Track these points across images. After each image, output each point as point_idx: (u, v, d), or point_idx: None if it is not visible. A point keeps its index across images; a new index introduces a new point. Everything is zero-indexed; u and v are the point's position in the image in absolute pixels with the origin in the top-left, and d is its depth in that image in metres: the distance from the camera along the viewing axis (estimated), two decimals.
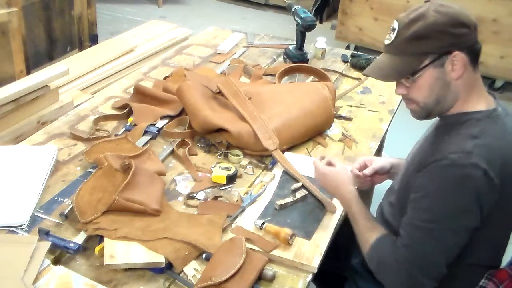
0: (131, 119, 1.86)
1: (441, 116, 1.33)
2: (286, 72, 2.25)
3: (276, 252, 1.33)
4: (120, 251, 1.28)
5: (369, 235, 1.33)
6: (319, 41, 2.50)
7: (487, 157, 1.18)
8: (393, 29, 1.25)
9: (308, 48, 2.48)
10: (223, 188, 1.58)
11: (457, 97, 1.26)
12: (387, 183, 1.64)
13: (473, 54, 1.23)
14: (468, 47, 1.22)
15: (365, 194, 1.55)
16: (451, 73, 1.22)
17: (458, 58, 1.21)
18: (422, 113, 1.30)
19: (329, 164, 1.51)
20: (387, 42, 1.28)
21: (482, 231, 1.23)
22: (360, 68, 2.38)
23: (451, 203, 1.20)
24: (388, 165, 1.58)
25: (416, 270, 1.21)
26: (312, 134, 1.84)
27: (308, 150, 1.79)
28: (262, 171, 1.68)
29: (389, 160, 1.60)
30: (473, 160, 1.17)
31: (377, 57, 1.35)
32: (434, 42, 1.21)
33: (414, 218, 1.25)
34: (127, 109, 1.92)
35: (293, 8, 2.35)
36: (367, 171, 1.55)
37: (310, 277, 1.30)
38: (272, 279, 1.27)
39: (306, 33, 2.35)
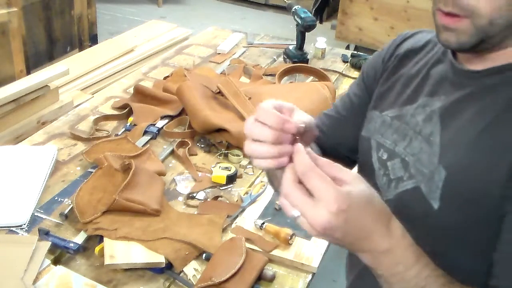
0: (131, 119, 1.86)
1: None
2: (286, 72, 2.25)
3: (276, 252, 1.33)
4: (120, 251, 1.28)
5: None
6: (319, 41, 2.50)
7: None
8: None
9: (308, 48, 2.47)
10: (223, 188, 1.58)
11: None
12: None
13: None
14: None
15: None
16: None
17: None
18: (473, 37, 0.81)
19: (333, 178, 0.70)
20: None
21: None
22: (360, 68, 2.38)
23: None
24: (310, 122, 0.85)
25: None
26: None
27: None
28: (262, 171, 1.67)
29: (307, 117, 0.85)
30: None
31: None
32: None
33: None
34: (127, 109, 1.92)
35: (293, 8, 2.35)
36: (295, 124, 0.76)
37: (310, 277, 1.30)
38: (272, 279, 1.27)
39: (306, 33, 2.35)
